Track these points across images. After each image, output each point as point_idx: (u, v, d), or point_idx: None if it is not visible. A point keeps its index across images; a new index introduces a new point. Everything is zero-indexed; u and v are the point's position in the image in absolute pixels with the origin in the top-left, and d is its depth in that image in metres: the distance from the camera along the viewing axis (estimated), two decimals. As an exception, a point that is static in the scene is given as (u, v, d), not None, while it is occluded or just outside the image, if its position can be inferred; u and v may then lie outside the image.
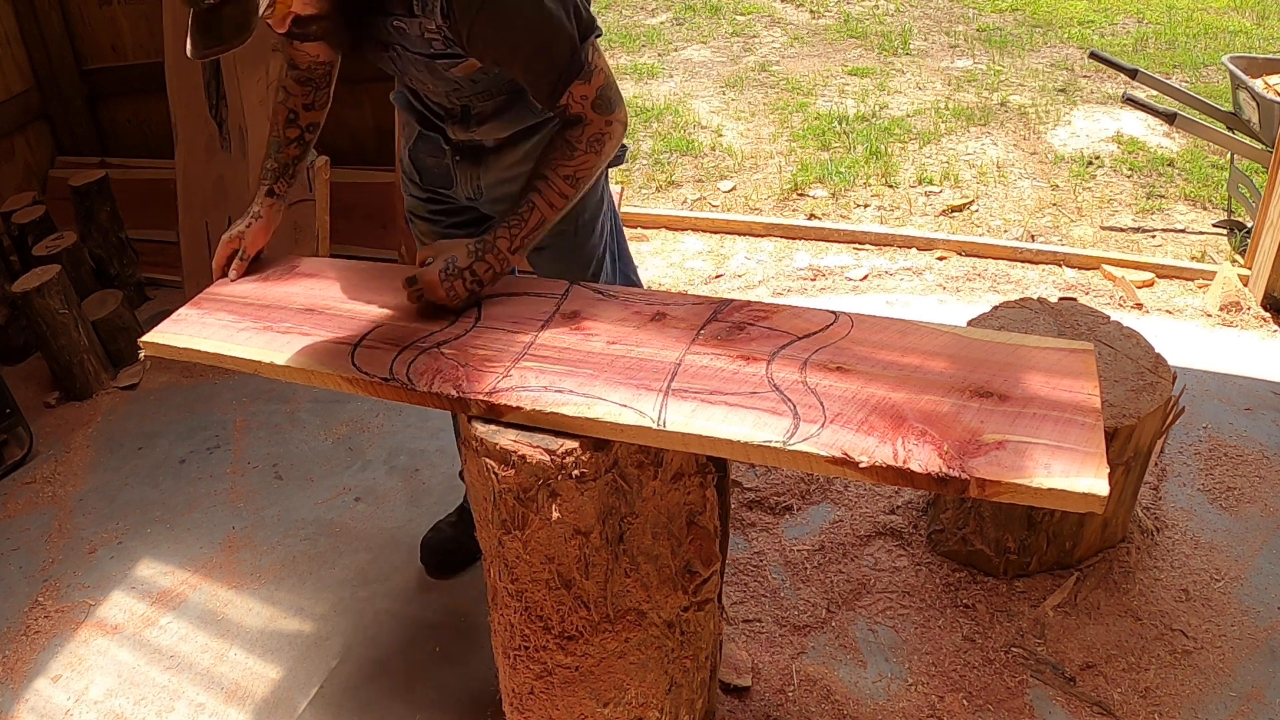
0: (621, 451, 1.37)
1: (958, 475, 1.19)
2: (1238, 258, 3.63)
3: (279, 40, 1.66)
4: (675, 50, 6.59)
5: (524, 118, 1.76)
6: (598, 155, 1.61)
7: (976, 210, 4.25)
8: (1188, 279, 3.51)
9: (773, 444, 1.26)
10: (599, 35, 1.60)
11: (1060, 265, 3.65)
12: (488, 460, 1.38)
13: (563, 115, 1.60)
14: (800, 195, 4.47)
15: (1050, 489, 1.16)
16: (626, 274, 2.07)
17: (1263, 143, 3.59)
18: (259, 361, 1.58)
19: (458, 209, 1.95)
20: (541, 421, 1.36)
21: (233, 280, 1.85)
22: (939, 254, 3.76)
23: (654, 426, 1.31)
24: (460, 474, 2.64)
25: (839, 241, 3.93)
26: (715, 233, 4.10)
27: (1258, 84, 3.61)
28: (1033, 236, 3.98)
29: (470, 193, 1.87)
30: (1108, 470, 1.17)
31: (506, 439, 1.36)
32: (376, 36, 1.63)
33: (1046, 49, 6.17)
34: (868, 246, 3.88)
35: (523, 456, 1.34)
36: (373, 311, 1.67)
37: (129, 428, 3.08)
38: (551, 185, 1.59)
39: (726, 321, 1.53)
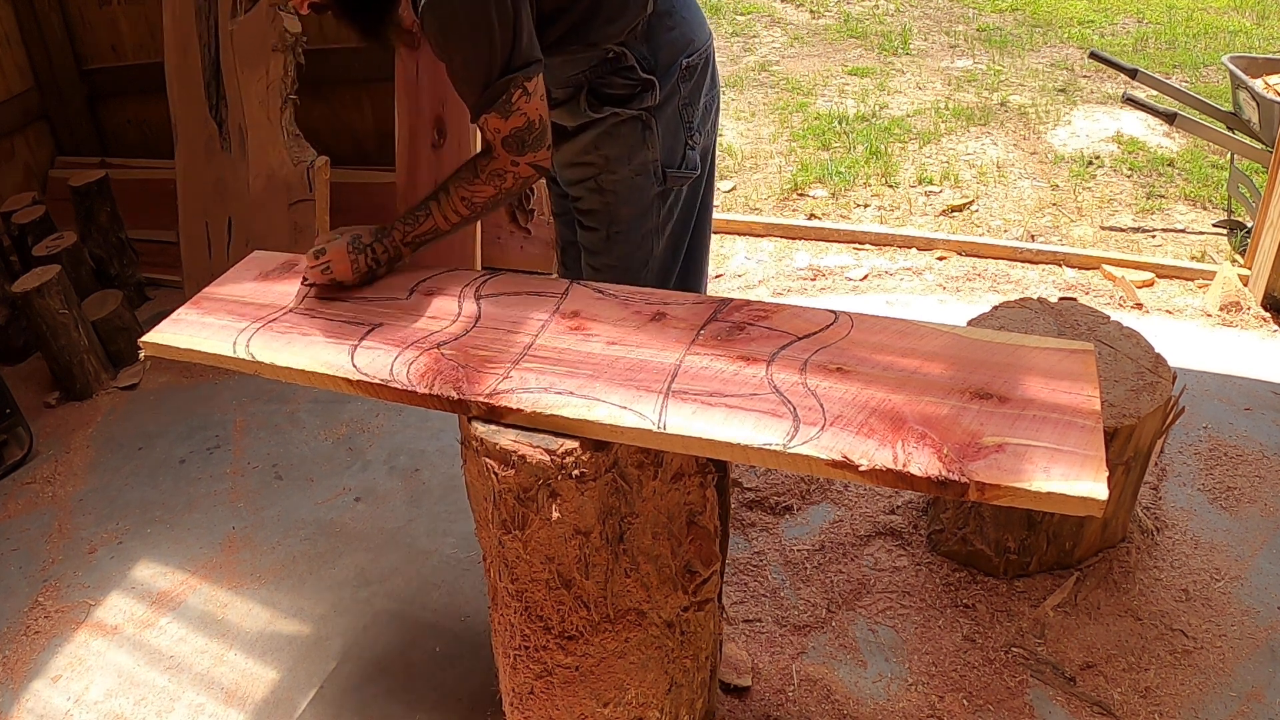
0: (621, 452, 1.37)
1: (957, 479, 1.19)
2: (1238, 258, 3.63)
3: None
4: (675, 50, 6.57)
5: (579, 115, 1.81)
6: (495, 189, 1.66)
7: (976, 210, 4.25)
8: (1188, 279, 3.51)
9: (772, 447, 1.26)
10: (533, 76, 1.57)
11: (1060, 265, 3.64)
12: (488, 460, 1.38)
13: (484, 139, 1.65)
14: (800, 195, 4.47)
15: (1049, 493, 1.16)
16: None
17: (1263, 143, 3.59)
18: (259, 361, 1.58)
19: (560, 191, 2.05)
20: (541, 423, 1.36)
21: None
22: (939, 254, 3.76)
23: (654, 429, 1.31)
24: None
25: (839, 241, 3.93)
26: (715, 232, 4.08)
27: (1258, 84, 3.61)
28: (1033, 236, 3.98)
29: (554, 171, 1.94)
30: (1107, 474, 1.17)
31: (506, 439, 1.36)
32: None
33: (1046, 49, 6.17)
34: (868, 246, 3.88)
35: (523, 456, 1.34)
36: (373, 312, 1.67)
37: (129, 428, 3.08)
38: (450, 200, 1.68)
39: (726, 321, 1.53)
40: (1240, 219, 3.87)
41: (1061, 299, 2.58)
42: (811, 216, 4.26)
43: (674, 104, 1.82)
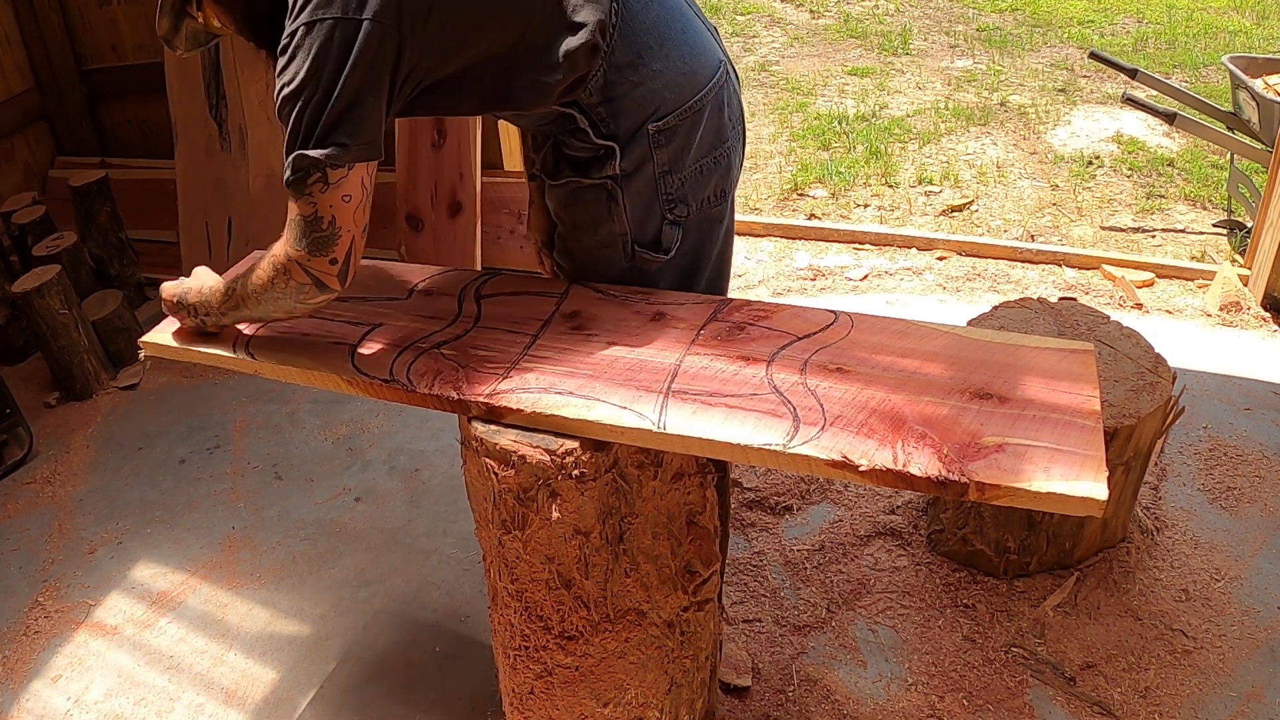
0: (621, 452, 1.37)
1: (957, 479, 1.19)
2: (1238, 258, 3.63)
3: None
4: (675, 50, 6.58)
5: (547, 173, 1.61)
6: (267, 282, 1.45)
7: (976, 210, 4.25)
8: (1188, 279, 3.51)
9: (772, 447, 1.26)
10: (338, 165, 1.33)
11: (1060, 265, 3.64)
12: (488, 460, 1.38)
13: None
14: (800, 195, 4.48)
15: (1049, 493, 1.15)
16: None
17: (1263, 143, 3.59)
18: (259, 361, 1.58)
19: None
20: (541, 424, 1.36)
21: None
22: (939, 254, 3.76)
23: (654, 429, 1.31)
24: None
25: (839, 241, 3.93)
26: (715, 233, 4.10)
27: (1258, 84, 3.61)
28: (1033, 236, 3.98)
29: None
30: (1107, 474, 1.17)
31: (506, 439, 1.36)
32: None
33: (1046, 49, 6.17)
34: (868, 246, 3.88)
35: (523, 457, 1.34)
36: (372, 312, 1.67)
37: (129, 428, 3.08)
38: (245, 285, 1.50)
39: (726, 321, 1.53)
40: (1240, 219, 3.87)
41: (1061, 299, 2.58)
42: (811, 216, 4.26)
43: (647, 173, 1.52)
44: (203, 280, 1.61)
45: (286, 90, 1.35)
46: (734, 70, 1.66)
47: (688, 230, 1.60)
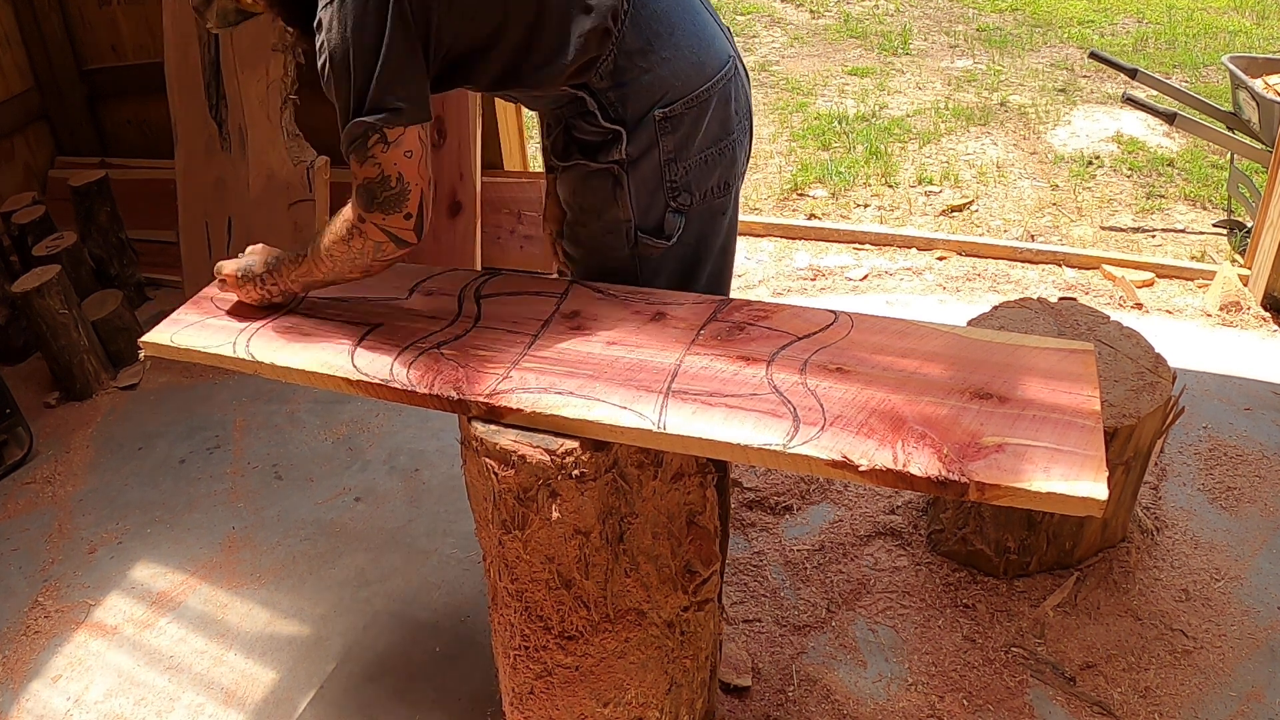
0: (621, 451, 1.37)
1: (957, 479, 1.19)
2: (1238, 258, 3.63)
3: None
4: (675, 50, 6.58)
5: (558, 156, 1.65)
6: (345, 246, 1.52)
7: (976, 210, 4.25)
8: (1188, 279, 3.51)
9: (772, 447, 1.26)
10: (394, 124, 1.40)
11: (1060, 265, 3.64)
12: (488, 460, 1.38)
13: None
14: (800, 195, 4.48)
15: (1049, 493, 1.15)
16: None
17: (1263, 143, 3.59)
18: (259, 361, 1.58)
19: None
20: (541, 424, 1.36)
21: None
22: (939, 254, 3.76)
23: (654, 429, 1.31)
24: None
25: (839, 241, 3.93)
26: (715, 233, 4.10)
27: (1258, 84, 3.61)
28: (1033, 236, 3.98)
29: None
30: (1107, 474, 1.17)
31: (506, 439, 1.36)
32: None
33: (1046, 49, 6.17)
34: (868, 246, 3.88)
35: (523, 456, 1.34)
36: (373, 312, 1.67)
37: (129, 428, 3.08)
38: (316, 250, 1.57)
39: (726, 321, 1.53)
40: (1240, 219, 3.87)
41: (1061, 299, 2.58)
42: (811, 216, 4.26)
43: (653, 160, 1.55)
44: (264, 253, 1.68)
45: (333, 63, 1.41)
46: (744, 68, 1.68)
47: (690, 220, 1.63)
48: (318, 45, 1.43)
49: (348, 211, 1.51)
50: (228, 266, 1.71)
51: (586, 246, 1.67)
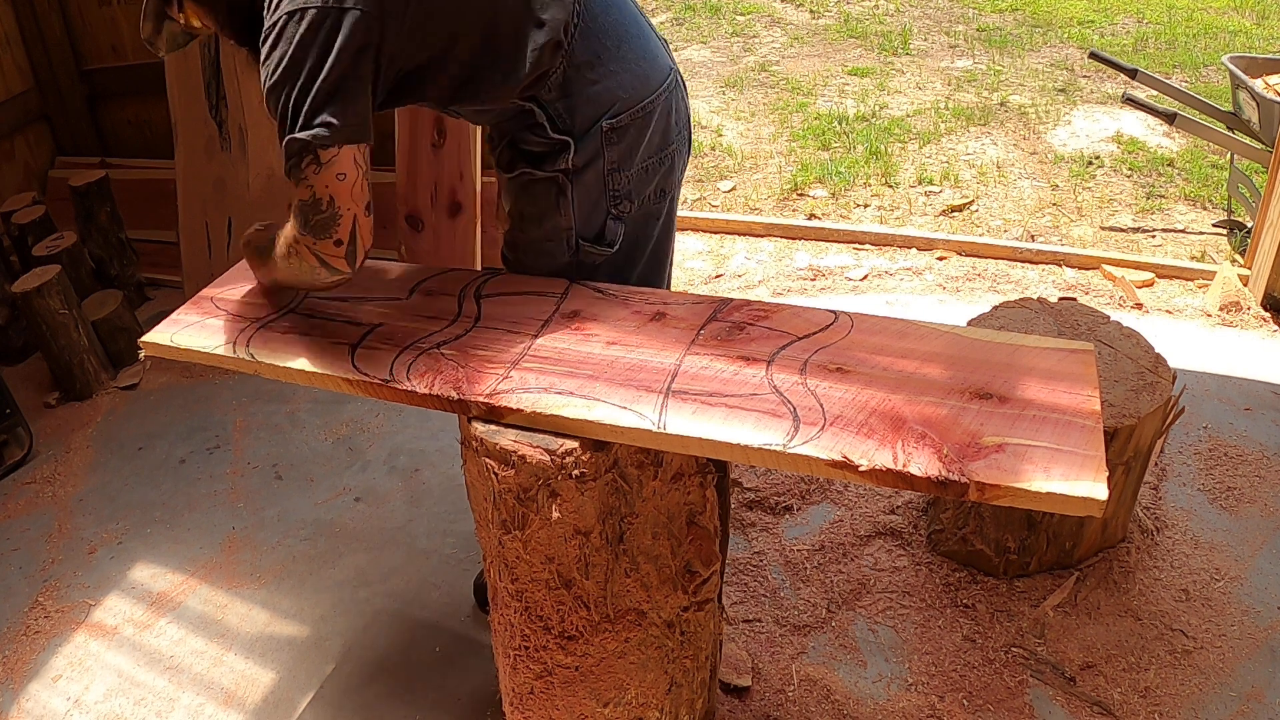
0: (621, 452, 1.37)
1: (957, 479, 1.19)
2: (1238, 258, 3.63)
3: None
4: (675, 50, 6.57)
5: (502, 167, 1.67)
6: (285, 260, 1.51)
7: (976, 210, 4.25)
8: (1188, 279, 3.51)
9: (772, 447, 1.26)
10: (327, 145, 1.37)
11: (1060, 265, 3.64)
12: (488, 460, 1.38)
13: None
14: (800, 195, 4.47)
15: (1049, 493, 1.16)
16: None
17: (1263, 143, 3.59)
18: (259, 361, 1.58)
19: None
20: (541, 424, 1.36)
21: None
22: (939, 254, 3.76)
23: (654, 429, 1.31)
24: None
25: (839, 241, 3.93)
26: (715, 233, 4.10)
27: (1258, 84, 3.61)
28: (1033, 236, 3.98)
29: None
30: (1107, 474, 1.17)
31: (506, 439, 1.36)
32: None
33: (1046, 49, 6.17)
34: (868, 246, 3.88)
35: (523, 457, 1.34)
36: (373, 312, 1.67)
37: (129, 428, 3.08)
38: (272, 252, 1.58)
39: (726, 321, 1.53)
40: (1240, 219, 3.87)
41: (1061, 299, 2.58)
42: (811, 216, 4.26)
43: (597, 169, 1.58)
44: (269, 231, 1.67)
45: (273, 80, 1.39)
46: (682, 79, 1.73)
47: (627, 225, 1.67)
48: (262, 60, 1.41)
49: (287, 228, 1.49)
50: (249, 237, 1.73)
51: (526, 252, 1.71)
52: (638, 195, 1.65)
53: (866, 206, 4.35)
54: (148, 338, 1.70)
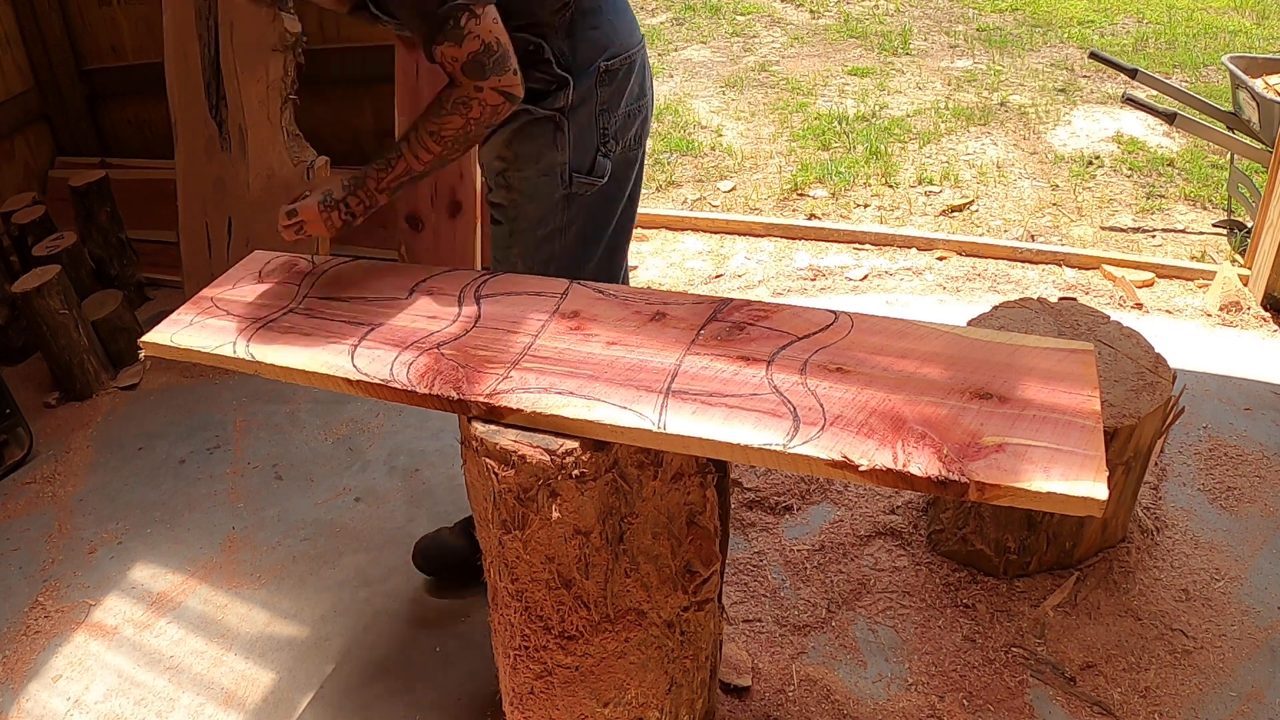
0: (621, 452, 1.37)
1: (957, 479, 1.19)
2: (1238, 258, 3.63)
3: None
4: (675, 50, 6.59)
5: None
6: (463, 118, 1.63)
7: (976, 210, 4.25)
8: (1188, 279, 3.51)
9: (772, 447, 1.26)
10: (484, 3, 1.55)
11: (1060, 265, 3.64)
12: (488, 460, 1.38)
13: (445, 72, 1.63)
14: (800, 195, 4.47)
15: (1049, 493, 1.16)
16: None
17: (1263, 143, 3.59)
18: (259, 361, 1.58)
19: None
20: (541, 424, 1.36)
21: None
22: (939, 254, 3.76)
23: (654, 429, 1.31)
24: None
25: (839, 241, 3.93)
26: (715, 233, 4.10)
27: (1258, 84, 3.61)
28: (1033, 236, 3.98)
29: (480, 158, 1.95)
30: (1107, 474, 1.17)
31: (506, 439, 1.36)
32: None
33: (1046, 49, 6.17)
34: (868, 246, 3.88)
35: (523, 456, 1.34)
36: (373, 312, 1.67)
37: (129, 428, 3.08)
38: (419, 139, 1.67)
39: (726, 321, 1.54)
40: (1240, 219, 3.87)
41: (1061, 299, 2.58)
42: (811, 216, 4.26)
43: (589, 107, 1.80)
44: (333, 180, 1.76)
45: None
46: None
47: (613, 164, 1.88)
48: None
49: (454, 91, 1.61)
50: (305, 204, 1.75)
51: (521, 191, 1.86)
52: (621, 138, 1.87)
53: (866, 206, 4.35)
54: (148, 338, 1.70)
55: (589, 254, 1.97)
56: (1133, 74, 4.02)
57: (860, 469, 1.22)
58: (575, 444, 1.34)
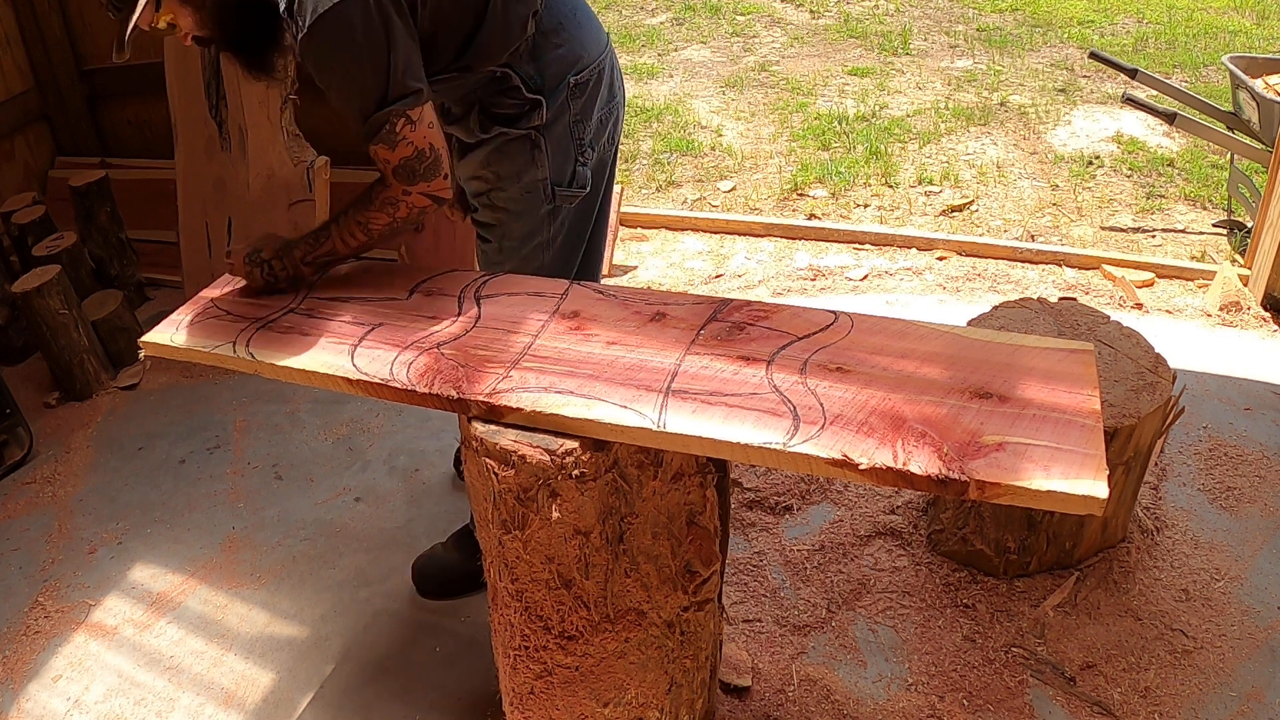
0: (621, 452, 1.37)
1: (957, 477, 1.19)
2: (1238, 258, 3.63)
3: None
4: (675, 50, 6.59)
5: (472, 133, 1.84)
6: (389, 217, 1.67)
7: (976, 210, 4.25)
8: (1188, 279, 3.51)
9: (772, 446, 1.26)
10: (415, 105, 1.57)
11: (1060, 265, 3.64)
12: (488, 460, 1.38)
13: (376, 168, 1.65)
14: (800, 195, 4.47)
15: (1050, 491, 1.16)
16: None
17: (1263, 143, 3.59)
18: (259, 361, 1.58)
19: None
20: (541, 423, 1.36)
21: None
22: (939, 254, 3.76)
23: (654, 429, 1.31)
24: (456, 467, 2.63)
25: (839, 241, 3.93)
26: (715, 233, 4.10)
27: (1258, 84, 3.61)
28: (1033, 236, 3.98)
29: (455, 181, 1.95)
30: (1107, 473, 1.17)
31: (506, 439, 1.36)
32: None
33: (1046, 49, 6.17)
34: (868, 246, 3.88)
35: (523, 456, 1.34)
36: (373, 312, 1.67)
37: (129, 428, 3.08)
38: (348, 224, 1.70)
39: (726, 321, 1.54)
40: (1240, 219, 3.87)
41: (1061, 299, 2.58)
42: (811, 216, 4.26)
43: (564, 122, 1.82)
44: (274, 239, 1.76)
45: (340, 68, 1.54)
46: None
47: (591, 170, 1.91)
48: (309, 54, 1.53)
49: (384, 191, 1.64)
50: (237, 250, 1.77)
51: (506, 210, 1.88)
52: (596, 143, 1.89)
53: (866, 206, 4.35)
54: (148, 338, 1.70)
55: (575, 258, 2.01)
56: (1133, 74, 4.02)
57: (860, 467, 1.22)
58: (575, 444, 1.34)
